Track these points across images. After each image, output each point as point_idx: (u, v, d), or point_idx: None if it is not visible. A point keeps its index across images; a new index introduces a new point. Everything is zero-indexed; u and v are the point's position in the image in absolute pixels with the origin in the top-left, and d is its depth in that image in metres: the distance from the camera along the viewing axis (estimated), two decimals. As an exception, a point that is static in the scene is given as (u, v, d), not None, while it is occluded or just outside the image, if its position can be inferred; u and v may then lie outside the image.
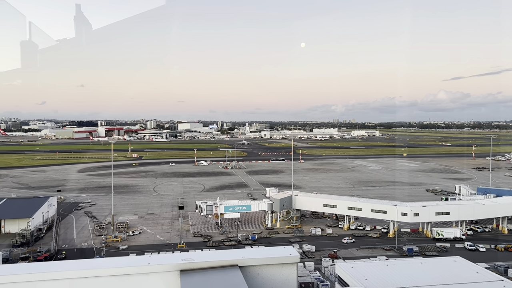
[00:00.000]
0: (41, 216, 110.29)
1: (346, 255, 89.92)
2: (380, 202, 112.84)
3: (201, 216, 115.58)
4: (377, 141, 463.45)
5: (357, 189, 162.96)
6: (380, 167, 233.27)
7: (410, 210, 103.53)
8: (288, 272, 6.14)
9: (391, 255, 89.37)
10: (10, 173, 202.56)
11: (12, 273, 5.66)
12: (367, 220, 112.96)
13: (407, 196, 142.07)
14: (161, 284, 5.66)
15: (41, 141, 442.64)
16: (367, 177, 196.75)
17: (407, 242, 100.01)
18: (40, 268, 5.86)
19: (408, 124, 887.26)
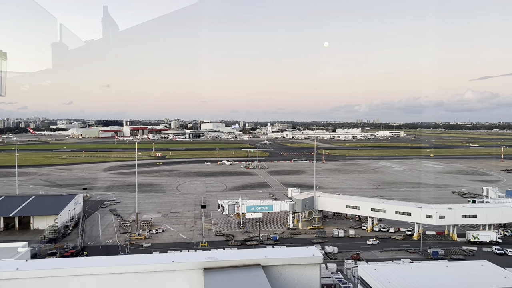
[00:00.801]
0: (68, 213, 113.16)
1: (369, 257, 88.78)
2: (404, 204, 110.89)
3: (223, 216, 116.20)
4: (402, 141, 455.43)
5: (380, 191, 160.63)
6: (404, 168, 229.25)
7: (435, 213, 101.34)
8: (311, 273, 6.11)
9: (415, 258, 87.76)
10: (39, 171, 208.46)
11: (41, 268, 5.84)
12: (390, 222, 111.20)
13: (433, 198, 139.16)
14: (185, 281, 5.72)
15: (68, 140, 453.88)
16: (391, 178, 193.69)
17: (432, 245, 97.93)
18: (67, 264, 6.00)
19: (434, 124, 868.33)
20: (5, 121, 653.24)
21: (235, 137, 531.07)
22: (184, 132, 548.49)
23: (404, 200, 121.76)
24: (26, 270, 5.60)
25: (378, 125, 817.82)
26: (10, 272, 5.46)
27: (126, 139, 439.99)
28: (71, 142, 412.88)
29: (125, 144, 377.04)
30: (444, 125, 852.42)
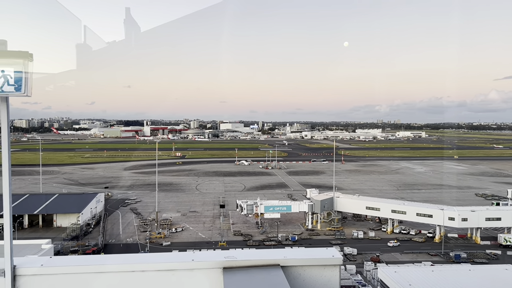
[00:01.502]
0: (89, 212, 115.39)
1: (389, 259, 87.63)
2: (425, 206, 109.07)
3: (242, 215, 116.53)
4: (424, 142, 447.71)
5: (401, 192, 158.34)
6: (426, 169, 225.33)
7: (457, 215, 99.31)
8: (331, 274, 6.07)
9: (436, 261, 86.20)
10: (62, 170, 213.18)
11: (65, 264, 5.98)
12: (411, 224, 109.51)
13: (455, 200, 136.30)
14: (205, 280, 5.77)
15: (90, 139, 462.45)
16: (412, 179, 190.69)
17: (455, 247, 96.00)
18: (90, 261, 6.13)
19: (457, 125, 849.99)
20: (30, 121, 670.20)
21: (253, 137, 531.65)
22: (203, 132, 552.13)
23: (425, 202, 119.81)
24: (50, 267, 5.74)
25: (399, 126, 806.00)
26: (36, 268, 5.61)
27: (146, 139, 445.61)
28: (93, 142, 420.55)
29: (145, 143, 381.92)
30: (467, 126, 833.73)
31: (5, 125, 5.49)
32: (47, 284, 5.60)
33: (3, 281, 5.44)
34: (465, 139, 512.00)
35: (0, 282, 5.45)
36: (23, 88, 5.01)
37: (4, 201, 5.58)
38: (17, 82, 4.99)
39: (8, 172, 5.53)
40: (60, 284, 5.61)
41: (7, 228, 5.65)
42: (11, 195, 5.64)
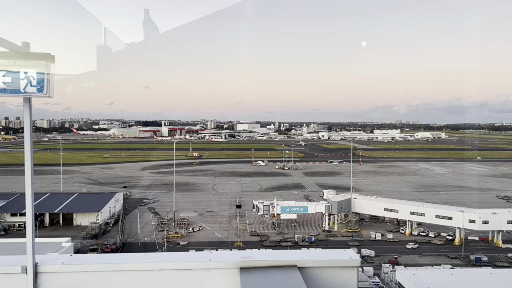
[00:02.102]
0: (108, 211, 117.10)
1: (407, 262, 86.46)
2: (445, 208, 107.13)
3: (258, 216, 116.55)
4: (443, 143, 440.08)
5: (420, 194, 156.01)
6: (446, 170, 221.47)
7: (478, 217, 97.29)
8: (348, 276, 6.02)
9: (456, 264, 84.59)
10: (82, 169, 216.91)
11: (85, 262, 6.08)
12: (430, 226, 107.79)
13: (476, 202, 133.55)
14: (222, 280, 5.79)
15: (109, 139, 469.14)
16: (432, 181, 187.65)
17: (475, 251, 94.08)
18: (109, 259, 6.21)
19: (478, 126, 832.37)
20: (51, 121, 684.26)
21: (270, 137, 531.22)
22: (220, 133, 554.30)
23: (445, 204, 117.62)
24: (71, 264, 5.85)
25: (418, 126, 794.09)
26: (57, 266, 5.72)
27: (164, 139, 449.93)
28: (112, 142, 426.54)
29: (163, 144, 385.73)
30: (488, 127, 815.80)
31: (27, 125, 5.61)
32: (68, 281, 5.70)
33: (25, 278, 5.56)
34: (487, 140, 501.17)
35: (22, 279, 5.57)
36: (45, 89, 5.11)
37: (27, 200, 5.70)
38: (40, 83, 5.10)
39: (31, 171, 5.65)
40: (81, 281, 5.71)
41: (29, 226, 5.78)
42: (33, 194, 5.76)
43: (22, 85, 5.07)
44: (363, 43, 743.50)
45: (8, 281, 5.60)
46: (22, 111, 5.48)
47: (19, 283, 5.55)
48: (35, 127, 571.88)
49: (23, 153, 5.61)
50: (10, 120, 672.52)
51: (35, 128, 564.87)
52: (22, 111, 5.49)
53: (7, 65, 5.01)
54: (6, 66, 5.01)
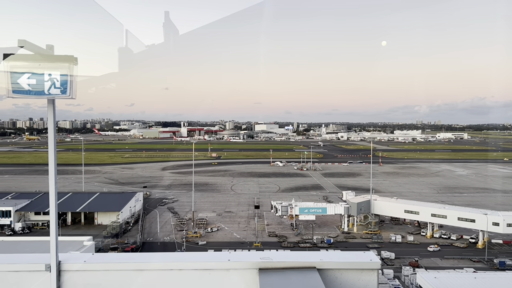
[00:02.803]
0: (128, 210, 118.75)
1: (428, 265, 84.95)
2: (468, 210, 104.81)
3: (276, 217, 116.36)
4: (466, 144, 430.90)
5: (441, 195, 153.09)
6: (468, 172, 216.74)
7: (502, 220, 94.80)
8: (368, 278, 5.95)
9: (479, 267, 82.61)
10: (103, 169, 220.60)
11: (106, 261, 6.17)
12: (452, 228, 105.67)
13: (500, 204, 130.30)
14: (241, 281, 5.80)
15: (130, 140, 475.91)
16: (454, 182, 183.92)
17: (499, 254, 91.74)
18: (130, 259, 6.29)
19: (502, 126, 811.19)
20: (73, 122, 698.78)
21: (288, 138, 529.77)
22: (239, 133, 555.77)
23: (467, 206, 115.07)
24: (92, 263, 5.95)
25: (440, 127, 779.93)
26: (80, 264, 5.83)
27: (183, 140, 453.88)
28: (132, 142, 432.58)
29: (182, 144, 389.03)
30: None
31: (51, 126, 5.74)
32: (90, 279, 5.80)
33: (49, 276, 5.68)
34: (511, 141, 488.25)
35: (46, 277, 5.69)
36: (68, 90, 5.22)
37: (50, 200, 5.82)
38: (63, 85, 5.20)
39: (54, 171, 5.77)
40: (102, 280, 5.80)
41: (53, 225, 5.90)
42: (56, 194, 5.89)
43: (46, 87, 5.18)
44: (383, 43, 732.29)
45: (33, 278, 5.74)
46: (46, 112, 5.61)
47: (43, 280, 5.67)
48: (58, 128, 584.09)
49: (47, 153, 5.73)
50: (34, 121, 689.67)
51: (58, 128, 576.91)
52: (46, 112, 5.61)
53: (32, 68, 5.13)
54: (31, 69, 5.13)
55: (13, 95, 5.13)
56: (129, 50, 9.31)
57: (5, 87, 5.12)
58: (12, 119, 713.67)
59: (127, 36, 8.81)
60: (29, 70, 5.13)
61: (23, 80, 5.13)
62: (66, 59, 5.18)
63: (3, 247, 62.51)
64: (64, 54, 5.21)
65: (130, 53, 9.46)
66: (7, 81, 5.11)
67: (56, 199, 5.87)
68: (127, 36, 8.80)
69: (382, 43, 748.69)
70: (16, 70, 5.12)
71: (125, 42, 8.93)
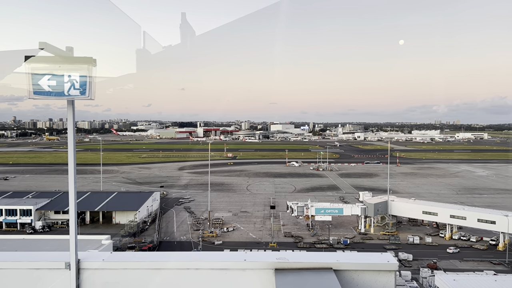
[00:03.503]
0: (146, 210, 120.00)
1: (447, 267, 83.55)
2: (488, 212, 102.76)
3: (292, 217, 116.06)
4: (486, 144, 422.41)
5: (461, 197, 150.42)
6: (489, 173, 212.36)
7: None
8: (386, 280, 5.89)
9: (500, 270, 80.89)
10: (121, 169, 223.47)
11: (124, 260, 6.25)
12: (472, 230, 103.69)
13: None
14: (257, 281, 5.80)
15: (147, 140, 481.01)
16: (473, 183, 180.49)
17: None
18: (147, 258, 6.36)
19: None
20: (92, 123, 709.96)
21: (304, 138, 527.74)
22: (254, 133, 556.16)
23: (487, 207, 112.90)
24: (111, 262, 6.04)
25: (459, 127, 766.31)
26: (98, 263, 5.92)
27: (199, 140, 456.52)
28: (149, 142, 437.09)
29: (198, 144, 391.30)
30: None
31: (71, 127, 5.84)
32: (108, 278, 5.89)
33: (68, 274, 5.78)
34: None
35: (66, 275, 5.80)
36: (87, 91, 5.31)
37: (70, 199, 5.93)
38: (82, 86, 5.29)
39: (74, 171, 5.88)
40: (120, 278, 5.88)
41: (72, 225, 6.01)
42: (75, 193, 5.99)
43: (66, 88, 5.28)
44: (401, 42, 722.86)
45: (53, 276, 5.85)
46: (65, 113, 5.71)
47: (63, 278, 5.77)
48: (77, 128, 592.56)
49: (66, 153, 5.84)
50: (53, 122, 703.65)
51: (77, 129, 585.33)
52: (65, 113, 5.72)
53: (52, 69, 5.24)
54: (51, 70, 5.23)
55: (34, 96, 5.24)
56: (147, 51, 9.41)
57: (26, 89, 5.22)
58: (32, 119, 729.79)
59: (144, 37, 8.92)
60: (49, 71, 5.23)
61: (44, 82, 5.23)
62: (85, 60, 5.27)
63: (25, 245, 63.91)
64: (83, 56, 5.30)
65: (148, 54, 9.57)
66: (28, 82, 5.22)
67: (76, 198, 5.98)
68: (144, 38, 8.91)
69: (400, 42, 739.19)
70: (37, 72, 5.22)
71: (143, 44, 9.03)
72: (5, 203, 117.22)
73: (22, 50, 5.30)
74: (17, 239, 73.51)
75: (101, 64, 5.30)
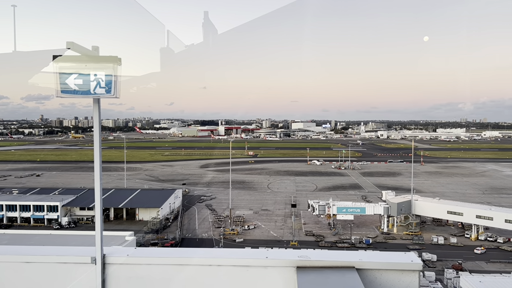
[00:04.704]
0: (168, 207, 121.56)
1: (472, 268, 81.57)
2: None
3: (313, 216, 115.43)
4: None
5: (487, 197, 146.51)
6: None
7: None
8: (409, 280, 5.80)
9: (529, 273, 78.49)
10: (144, 166, 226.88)
11: (148, 255, 6.36)
12: (499, 231, 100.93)
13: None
14: (279, 278, 5.81)
15: (170, 138, 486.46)
16: (501, 183, 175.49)
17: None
18: (170, 253, 6.45)
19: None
20: (116, 121, 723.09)
21: (325, 136, 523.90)
22: (275, 132, 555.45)
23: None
24: (135, 257, 6.15)
25: (486, 125, 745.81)
26: (123, 258, 6.05)
27: (221, 138, 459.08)
28: (172, 141, 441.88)
29: (220, 142, 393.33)
30: None
31: (97, 125, 5.98)
32: (133, 273, 6.00)
33: (94, 268, 5.92)
34: None
35: (92, 269, 5.94)
36: (112, 90, 5.42)
37: (96, 195, 6.07)
38: (108, 85, 5.41)
39: (99, 168, 6.02)
40: (144, 273, 5.99)
41: (98, 220, 6.15)
42: (101, 190, 6.13)
43: (92, 87, 5.40)
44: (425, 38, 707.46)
45: (80, 270, 6.00)
46: (90, 111, 5.85)
47: (89, 273, 5.92)
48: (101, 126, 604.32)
49: (91, 151, 5.98)
50: (79, 120, 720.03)
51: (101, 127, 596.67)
52: (90, 112, 5.86)
53: (79, 68, 5.36)
54: (78, 69, 5.36)
55: (62, 95, 5.38)
56: (170, 50, 9.53)
57: (54, 88, 5.36)
58: (59, 118, 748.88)
59: (168, 36, 9.03)
60: (76, 71, 5.36)
61: (71, 81, 5.37)
62: (110, 59, 5.37)
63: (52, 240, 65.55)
64: (109, 55, 5.40)
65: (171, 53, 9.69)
66: (56, 81, 5.35)
67: (101, 195, 6.11)
68: (168, 36, 9.03)
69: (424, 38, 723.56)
70: (64, 71, 5.35)
71: (166, 42, 9.16)
72: (33, 199, 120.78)
73: (50, 50, 5.44)
74: (45, 234, 75.56)
75: (125, 63, 5.39)
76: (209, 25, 11.01)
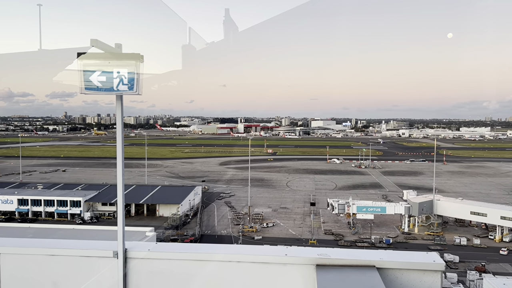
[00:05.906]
0: (188, 203, 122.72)
1: (496, 270, 79.75)
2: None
3: (333, 215, 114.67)
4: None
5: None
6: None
7: None
8: (431, 280, 5.69)
9: (556, 276, 76.20)
10: (164, 163, 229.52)
11: (169, 251, 6.44)
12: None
13: None
14: (298, 276, 5.79)
15: (190, 135, 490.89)
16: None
17: None
18: (191, 249, 6.51)
19: None
20: (137, 118, 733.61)
21: (346, 135, 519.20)
22: (294, 130, 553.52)
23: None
24: (156, 252, 6.23)
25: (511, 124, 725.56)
26: (144, 252, 6.14)
27: (240, 136, 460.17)
28: (192, 138, 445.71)
29: (239, 140, 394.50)
30: None
31: (119, 121, 6.08)
32: (153, 268, 6.09)
33: (116, 262, 6.03)
34: None
35: (114, 263, 6.05)
36: (135, 87, 5.49)
37: (118, 191, 6.18)
38: (130, 82, 5.48)
39: (122, 164, 6.12)
40: (165, 269, 6.06)
41: (120, 215, 6.26)
42: (123, 186, 6.23)
43: (115, 84, 5.48)
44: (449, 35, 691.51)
45: (102, 264, 6.12)
46: (112, 108, 5.93)
47: (111, 266, 6.03)
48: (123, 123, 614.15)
49: (113, 147, 6.08)
50: (101, 117, 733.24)
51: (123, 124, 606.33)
52: (112, 109, 5.94)
53: (103, 66, 5.45)
54: (101, 67, 5.45)
55: (86, 92, 5.49)
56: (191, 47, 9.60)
57: (78, 85, 5.47)
58: (82, 115, 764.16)
59: (190, 34, 9.09)
60: (99, 68, 5.45)
61: (95, 78, 5.46)
62: (133, 57, 5.44)
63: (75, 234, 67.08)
64: (131, 52, 5.48)
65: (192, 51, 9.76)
66: (80, 79, 5.46)
67: (123, 190, 6.21)
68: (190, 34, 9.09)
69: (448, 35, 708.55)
70: (88, 69, 5.45)
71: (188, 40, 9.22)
72: (57, 194, 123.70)
73: (75, 48, 5.54)
74: (68, 229, 77.22)
75: (147, 60, 5.46)
76: (230, 22, 11.03)
